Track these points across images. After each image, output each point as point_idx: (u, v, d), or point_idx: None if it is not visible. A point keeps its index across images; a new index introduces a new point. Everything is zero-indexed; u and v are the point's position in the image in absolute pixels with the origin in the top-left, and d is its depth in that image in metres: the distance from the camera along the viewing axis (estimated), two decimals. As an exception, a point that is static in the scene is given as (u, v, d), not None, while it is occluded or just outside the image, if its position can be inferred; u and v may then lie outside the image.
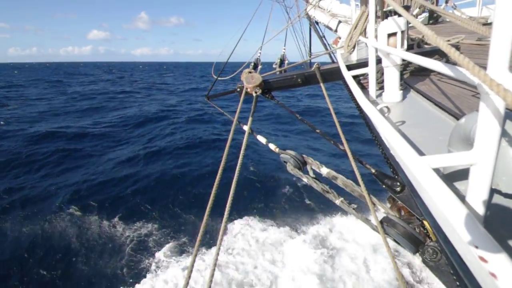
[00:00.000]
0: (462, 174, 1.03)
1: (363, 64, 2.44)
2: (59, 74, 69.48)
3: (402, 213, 2.18)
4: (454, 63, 0.82)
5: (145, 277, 5.94)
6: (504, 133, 0.82)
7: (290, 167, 2.25)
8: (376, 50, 1.98)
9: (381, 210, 1.69)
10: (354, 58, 2.87)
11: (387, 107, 1.81)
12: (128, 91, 31.30)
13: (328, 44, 6.06)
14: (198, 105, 22.31)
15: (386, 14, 2.72)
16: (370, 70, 2.06)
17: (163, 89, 35.39)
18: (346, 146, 1.83)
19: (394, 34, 1.94)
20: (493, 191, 0.91)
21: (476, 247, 0.64)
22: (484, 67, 0.67)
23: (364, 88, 2.48)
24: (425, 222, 1.51)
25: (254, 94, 2.69)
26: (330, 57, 5.35)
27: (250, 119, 2.38)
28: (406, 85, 2.23)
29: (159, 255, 6.56)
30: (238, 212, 7.88)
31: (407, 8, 4.31)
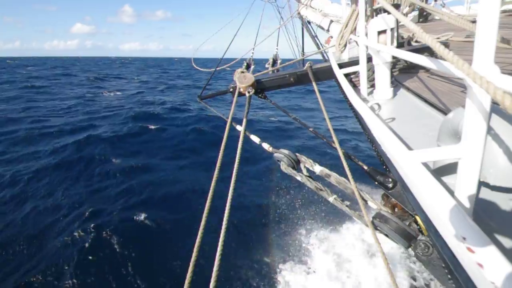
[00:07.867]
0: (451, 168, 1.04)
1: (354, 62, 2.46)
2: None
3: (396, 209, 2.20)
4: (442, 59, 0.82)
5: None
6: (491, 126, 0.83)
7: (283, 166, 2.24)
8: (367, 48, 1.99)
9: (374, 207, 1.70)
10: (345, 56, 2.89)
11: (377, 104, 1.83)
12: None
13: (321, 43, 6.08)
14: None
15: (376, 12, 2.74)
16: (361, 68, 2.07)
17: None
18: (337, 144, 1.84)
19: (384, 31, 1.95)
20: (481, 184, 0.92)
21: (464, 238, 0.65)
22: (471, 63, 0.67)
23: (355, 86, 2.50)
24: (417, 218, 1.53)
25: (247, 94, 2.69)
26: (323, 56, 5.37)
27: (244, 120, 2.36)
28: (396, 83, 2.25)
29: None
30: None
31: (396, 6, 4.35)
